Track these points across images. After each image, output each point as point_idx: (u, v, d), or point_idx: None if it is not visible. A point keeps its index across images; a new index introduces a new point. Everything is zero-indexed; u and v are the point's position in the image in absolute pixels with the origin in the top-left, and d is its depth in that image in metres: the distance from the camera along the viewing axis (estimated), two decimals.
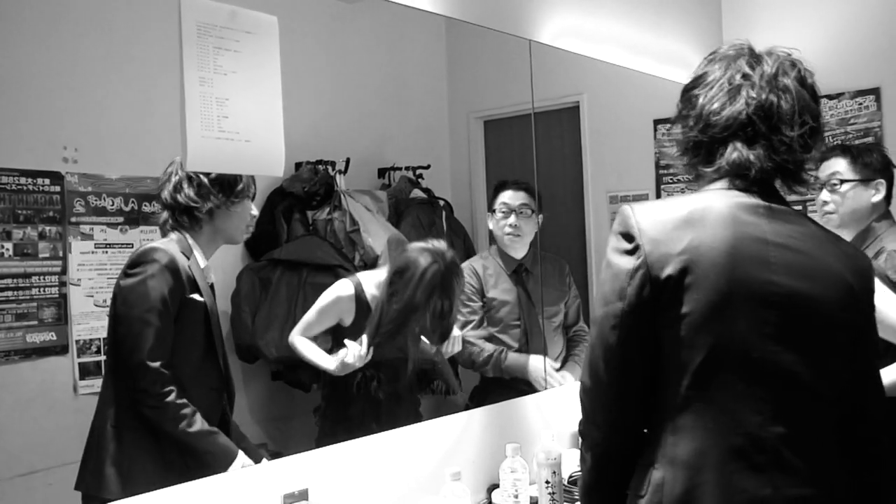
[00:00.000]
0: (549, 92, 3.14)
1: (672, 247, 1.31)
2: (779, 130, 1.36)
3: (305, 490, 1.74)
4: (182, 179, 1.89)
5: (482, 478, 2.31)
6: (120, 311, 1.83)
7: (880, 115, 3.31)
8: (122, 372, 1.82)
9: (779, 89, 1.38)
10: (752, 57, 1.43)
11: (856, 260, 1.41)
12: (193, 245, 1.90)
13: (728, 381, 1.30)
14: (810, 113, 1.39)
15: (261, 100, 1.69)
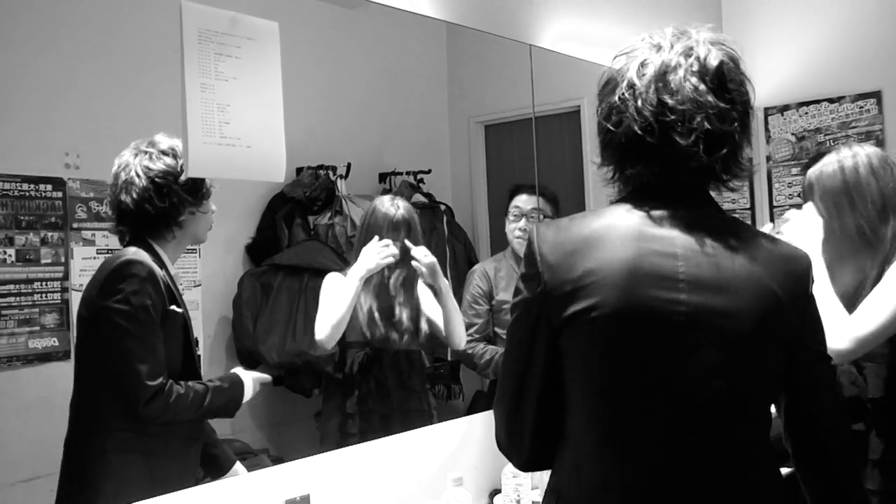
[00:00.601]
0: (550, 96, 3.14)
1: (569, 272, 1.25)
2: (672, 141, 1.24)
3: (307, 495, 1.74)
4: (148, 188, 1.76)
5: (484, 483, 2.31)
6: (105, 331, 1.73)
7: (882, 119, 3.31)
8: (112, 392, 1.74)
9: (668, 92, 1.25)
10: (648, 54, 1.33)
11: (788, 263, 1.28)
12: (161, 253, 1.80)
13: (631, 402, 1.25)
14: (706, 114, 1.24)
15: (262, 105, 1.69)
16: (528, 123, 2.80)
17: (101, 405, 1.75)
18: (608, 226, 1.27)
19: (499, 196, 3.34)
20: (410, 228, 2.41)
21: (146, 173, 1.76)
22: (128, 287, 1.69)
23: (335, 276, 2.37)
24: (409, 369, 2.45)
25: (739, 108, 1.29)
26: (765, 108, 3.65)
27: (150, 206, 1.75)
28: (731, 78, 1.30)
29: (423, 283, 2.41)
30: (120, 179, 1.79)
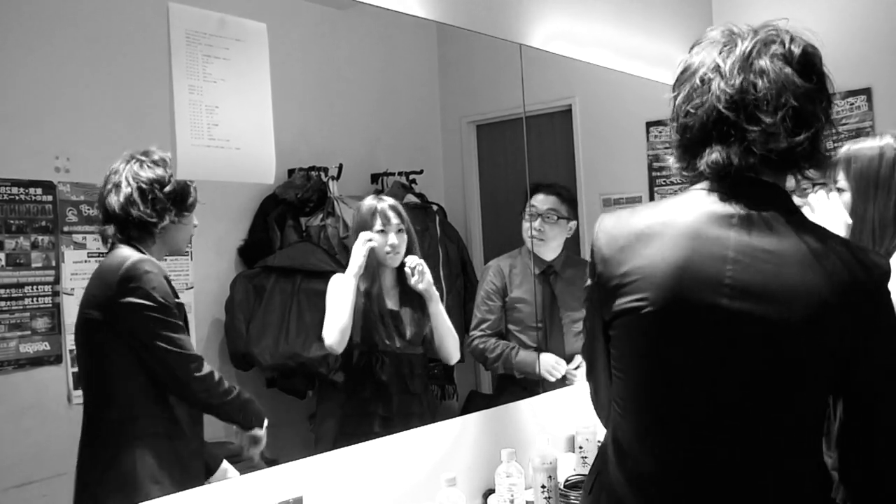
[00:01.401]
0: (542, 95, 3.14)
1: (618, 268, 1.28)
2: (757, 120, 1.22)
3: (300, 497, 1.74)
4: (133, 192, 1.84)
5: (478, 483, 2.31)
6: (133, 326, 1.82)
7: (872, 116, 3.31)
8: (144, 381, 1.84)
9: (753, 72, 1.25)
10: (729, 41, 1.33)
11: (857, 274, 1.21)
12: (147, 255, 1.89)
13: (666, 400, 1.27)
14: (793, 92, 1.23)
15: (251, 107, 1.69)
16: (520, 123, 2.80)
17: (132, 396, 1.84)
18: (664, 223, 1.27)
19: (491, 196, 3.34)
20: (401, 215, 2.42)
21: (135, 178, 1.83)
22: (147, 283, 1.79)
23: (338, 278, 2.36)
24: (410, 372, 2.45)
25: (825, 93, 1.30)
26: None
27: (133, 209, 1.83)
28: (815, 63, 1.31)
29: (414, 288, 2.40)
30: (109, 182, 1.87)
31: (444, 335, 2.46)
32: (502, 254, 3.06)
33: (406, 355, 2.41)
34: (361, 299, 2.35)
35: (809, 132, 1.24)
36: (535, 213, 2.94)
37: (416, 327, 2.42)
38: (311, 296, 2.48)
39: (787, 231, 1.24)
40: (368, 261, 2.34)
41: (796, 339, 1.20)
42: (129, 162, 1.86)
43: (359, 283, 2.34)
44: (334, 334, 2.26)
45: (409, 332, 2.40)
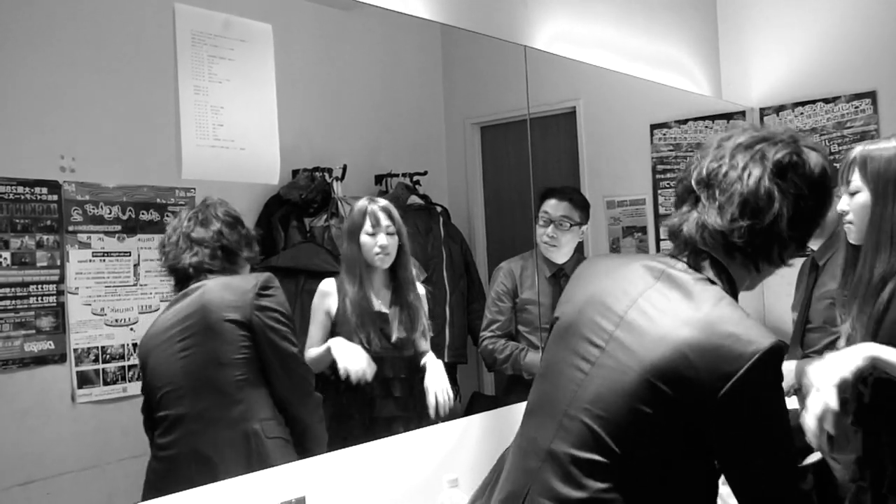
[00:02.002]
0: (546, 97, 3.14)
1: (563, 296, 1.54)
2: (712, 199, 1.38)
3: (302, 497, 1.74)
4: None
5: None
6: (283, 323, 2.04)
7: (877, 119, 3.31)
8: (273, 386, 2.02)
9: (732, 161, 1.39)
10: (736, 133, 1.45)
11: (724, 347, 1.26)
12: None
13: (534, 393, 1.48)
14: (748, 184, 1.36)
15: (256, 108, 1.70)
16: (524, 125, 2.80)
17: (260, 400, 2.00)
18: (608, 266, 1.51)
19: (495, 197, 3.34)
20: (392, 217, 2.42)
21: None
22: (279, 289, 2.05)
23: (323, 285, 2.39)
24: (410, 374, 2.45)
25: (789, 199, 1.38)
26: (760, 109, 3.66)
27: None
28: (792, 171, 1.39)
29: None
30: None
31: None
32: (505, 255, 3.07)
33: (392, 358, 2.41)
34: (347, 300, 2.36)
35: (749, 221, 1.35)
36: (548, 220, 2.95)
37: (405, 331, 2.41)
38: (314, 296, 2.49)
39: (695, 297, 1.34)
40: (356, 261, 2.39)
41: (649, 381, 1.29)
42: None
43: (345, 281, 2.38)
44: (310, 350, 2.33)
45: (396, 335, 2.39)
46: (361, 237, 2.40)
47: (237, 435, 1.92)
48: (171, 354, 1.95)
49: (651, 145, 3.63)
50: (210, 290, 1.97)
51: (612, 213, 3.56)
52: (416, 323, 2.43)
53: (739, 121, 1.32)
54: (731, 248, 1.38)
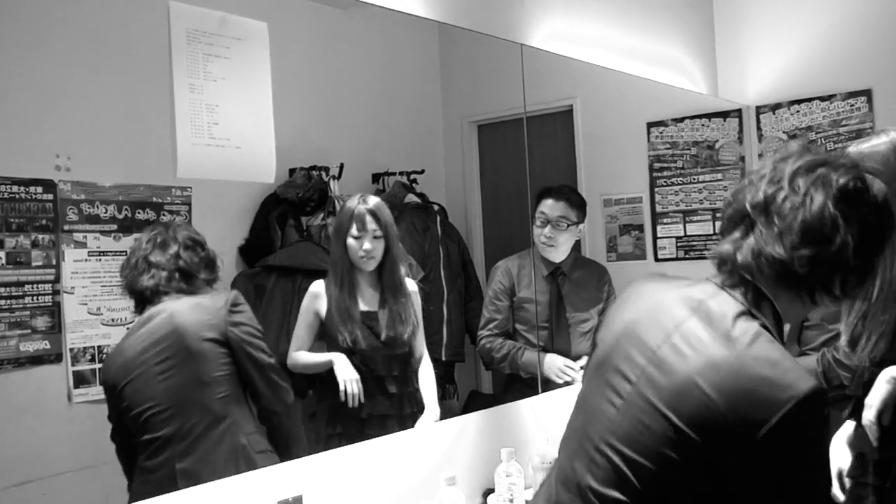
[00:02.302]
0: (543, 96, 3.14)
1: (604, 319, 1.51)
2: (770, 225, 1.30)
3: (300, 496, 1.74)
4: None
5: (477, 482, 2.31)
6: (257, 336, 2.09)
7: (872, 117, 3.32)
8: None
9: (792, 186, 1.31)
10: (789, 156, 1.38)
11: (760, 389, 1.18)
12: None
13: (569, 422, 1.44)
14: (817, 233, 1.26)
15: (251, 106, 1.69)
16: (521, 123, 2.80)
17: (244, 414, 2.06)
18: (642, 290, 1.48)
19: (492, 195, 3.34)
20: (379, 220, 2.41)
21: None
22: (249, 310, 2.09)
23: (313, 287, 2.40)
24: (403, 373, 2.45)
25: (854, 227, 1.29)
26: (757, 107, 3.66)
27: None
28: (858, 198, 1.31)
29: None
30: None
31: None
32: (503, 253, 3.07)
33: (383, 356, 2.41)
34: (332, 300, 2.37)
35: (813, 250, 1.27)
36: (545, 221, 2.96)
37: (394, 330, 2.41)
38: (304, 297, 2.49)
39: (731, 335, 1.25)
40: (340, 263, 2.40)
41: (676, 427, 1.22)
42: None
43: (331, 283, 2.39)
44: (292, 361, 2.36)
45: (385, 333, 2.39)
46: (347, 240, 2.40)
47: (225, 450, 1.93)
48: (151, 378, 1.94)
49: (648, 143, 3.63)
50: (180, 313, 1.99)
51: (609, 212, 3.56)
52: (406, 322, 2.43)
53: (793, 142, 1.25)
54: (787, 278, 1.30)
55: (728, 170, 3.66)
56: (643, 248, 3.57)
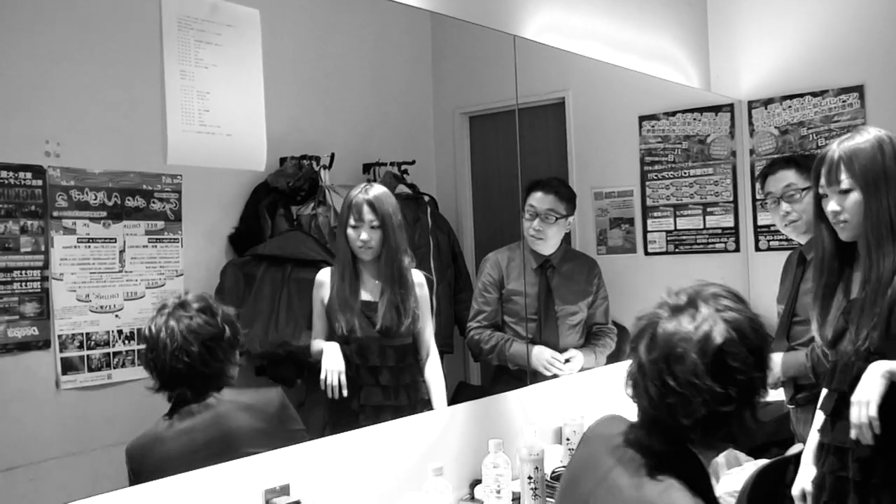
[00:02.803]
0: (535, 88, 3.13)
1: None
2: (676, 420, 1.35)
3: (287, 485, 1.74)
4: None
5: (465, 473, 2.32)
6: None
7: (864, 113, 3.33)
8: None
9: (668, 374, 1.35)
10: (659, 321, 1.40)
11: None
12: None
13: None
14: (702, 398, 1.31)
15: (242, 93, 1.69)
16: (513, 115, 2.80)
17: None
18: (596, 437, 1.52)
19: (483, 187, 3.34)
20: (376, 210, 2.41)
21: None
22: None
23: (319, 275, 2.40)
24: (398, 364, 2.45)
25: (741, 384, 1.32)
26: (749, 102, 3.67)
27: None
28: (733, 355, 1.33)
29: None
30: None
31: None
32: (493, 245, 3.07)
33: (379, 347, 2.41)
34: (334, 289, 2.38)
35: (721, 430, 1.34)
36: (534, 214, 2.96)
37: (390, 320, 2.41)
38: (301, 284, 2.48)
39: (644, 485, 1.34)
40: (342, 253, 2.41)
41: None
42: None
43: (335, 272, 2.41)
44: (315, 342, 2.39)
45: (380, 323, 2.40)
46: (347, 230, 2.41)
47: None
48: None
49: (640, 137, 3.63)
50: (229, 416, 1.93)
51: (600, 205, 3.56)
52: (404, 313, 2.43)
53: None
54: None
55: (719, 164, 3.67)
56: (633, 241, 3.58)
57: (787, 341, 2.71)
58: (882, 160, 1.93)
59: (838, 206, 1.97)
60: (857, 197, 1.94)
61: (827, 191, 1.99)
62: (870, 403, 1.83)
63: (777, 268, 2.97)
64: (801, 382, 2.63)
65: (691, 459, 1.37)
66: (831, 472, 1.99)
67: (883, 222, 1.92)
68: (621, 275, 3.42)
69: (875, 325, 1.90)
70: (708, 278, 3.61)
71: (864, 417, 1.84)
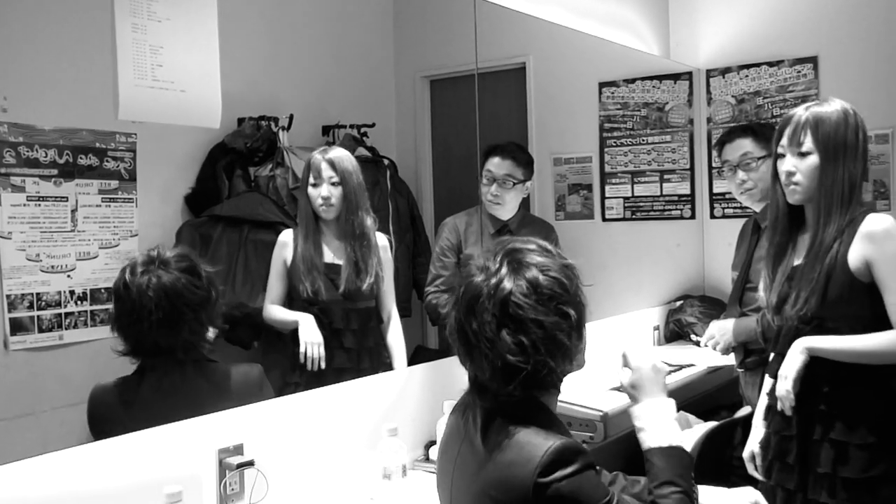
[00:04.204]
0: (496, 53, 3.13)
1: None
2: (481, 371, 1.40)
3: (241, 445, 1.74)
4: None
5: (420, 434, 2.34)
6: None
7: (817, 84, 3.38)
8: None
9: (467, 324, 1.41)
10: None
11: (509, 470, 1.32)
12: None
13: None
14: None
15: (197, 49, 1.66)
16: (473, 79, 2.78)
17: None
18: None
19: (443, 151, 3.34)
20: (335, 168, 2.41)
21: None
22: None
23: (281, 236, 2.40)
24: (361, 327, 2.45)
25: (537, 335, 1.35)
26: (707, 71, 3.70)
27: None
28: (523, 307, 1.35)
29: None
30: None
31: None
32: (452, 209, 3.07)
33: (342, 310, 2.41)
34: (298, 250, 2.37)
35: (519, 378, 1.36)
36: (491, 179, 2.96)
37: (354, 282, 2.41)
38: (258, 246, 2.47)
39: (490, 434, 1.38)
40: (304, 213, 2.41)
41: None
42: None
43: (298, 233, 2.40)
44: (268, 315, 2.39)
45: (344, 285, 2.40)
46: (308, 189, 2.40)
47: None
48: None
49: (599, 103, 3.65)
50: (202, 385, 1.92)
51: (559, 171, 3.58)
52: (366, 272, 2.43)
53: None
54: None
55: (677, 132, 3.70)
56: (591, 207, 3.60)
57: (740, 307, 2.76)
58: (845, 131, 1.98)
59: (793, 167, 2.01)
60: (814, 161, 1.98)
61: (787, 151, 2.03)
62: (787, 378, 1.97)
63: (731, 235, 3.02)
64: (751, 347, 2.69)
65: (528, 401, 1.40)
66: (776, 432, 2.06)
67: (836, 190, 1.97)
68: (579, 240, 3.45)
69: (813, 290, 1.96)
70: (664, 244, 3.68)
71: (783, 391, 1.98)
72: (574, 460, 1.29)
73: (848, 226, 1.95)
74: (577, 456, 1.30)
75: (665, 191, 3.68)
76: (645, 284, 3.63)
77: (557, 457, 1.28)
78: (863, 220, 1.95)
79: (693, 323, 3.44)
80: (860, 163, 1.99)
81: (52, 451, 1.58)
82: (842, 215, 1.96)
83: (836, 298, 1.95)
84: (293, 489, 1.97)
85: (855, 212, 1.96)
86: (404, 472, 2.06)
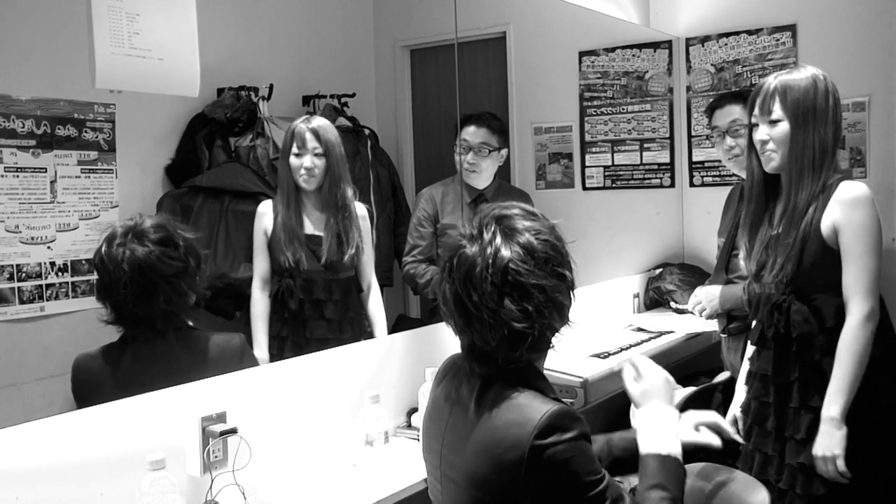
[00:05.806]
0: (476, 22, 3.12)
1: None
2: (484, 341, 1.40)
3: (224, 413, 1.75)
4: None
5: (402, 402, 2.36)
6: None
7: (795, 52, 3.39)
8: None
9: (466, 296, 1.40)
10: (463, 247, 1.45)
11: (503, 432, 1.34)
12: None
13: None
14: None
15: (175, 16, 1.65)
16: (453, 49, 2.78)
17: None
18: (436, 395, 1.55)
19: (423, 121, 3.34)
20: (319, 138, 2.39)
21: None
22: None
23: (260, 207, 2.39)
24: (343, 297, 2.46)
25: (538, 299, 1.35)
26: (686, 39, 3.70)
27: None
28: (523, 272, 1.35)
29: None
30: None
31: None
32: (433, 179, 3.08)
33: (324, 280, 2.42)
34: (279, 220, 2.36)
35: (525, 345, 1.38)
36: (467, 147, 2.96)
37: (336, 254, 2.42)
38: (239, 216, 2.47)
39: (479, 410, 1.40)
40: (286, 183, 2.38)
41: (470, 494, 1.38)
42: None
43: (279, 202, 2.39)
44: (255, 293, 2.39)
45: (326, 256, 2.40)
46: (290, 158, 2.38)
47: None
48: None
49: (579, 72, 3.65)
50: (182, 354, 1.93)
51: (539, 140, 3.59)
52: (348, 243, 2.43)
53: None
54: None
55: (657, 101, 3.71)
56: (571, 176, 3.62)
57: (726, 274, 2.79)
58: (814, 97, 2.00)
59: (766, 136, 2.04)
60: (785, 127, 2.00)
61: (759, 120, 2.05)
62: (836, 459, 1.92)
63: (710, 204, 3.05)
64: (735, 314, 2.72)
65: (527, 366, 1.42)
66: (755, 397, 2.10)
67: (806, 155, 1.99)
68: (559, 209, 3.47)
69: (788, 256, 1.99)
70: (644, 213, 3.69)
71: (834, 473, 1.93)
72: (571, 427, 1.31)
73: (822, 192, 1.98)
74: (575, 423, 1.32)
75: (645, 159, 3.69)
76: (625, 252, 3.66)
77: (555, 420, 1.30)
78: (837, 187, 1.97)
79: (672, 290, 3.47)
80: (831, 127, 2.00)
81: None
82: (814, 181, 1.99)
83: (811, 265, 1.98)
84: (276, 456, 1.99)
85: (829, 178, 1.98)
86: (386, 439, 2.08)
